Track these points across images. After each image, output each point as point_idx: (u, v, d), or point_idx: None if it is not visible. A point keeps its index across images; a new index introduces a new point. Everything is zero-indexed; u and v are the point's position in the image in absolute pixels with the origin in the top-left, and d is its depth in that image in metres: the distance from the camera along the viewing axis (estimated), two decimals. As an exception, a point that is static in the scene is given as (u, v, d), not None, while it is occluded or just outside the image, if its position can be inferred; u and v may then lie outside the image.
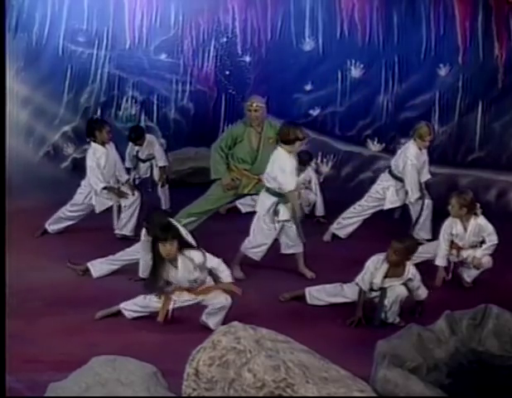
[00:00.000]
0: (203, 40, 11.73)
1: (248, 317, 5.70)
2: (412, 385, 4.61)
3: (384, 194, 8.91)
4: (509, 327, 5.09)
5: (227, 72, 11.81)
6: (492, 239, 7.67)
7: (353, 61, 11.30)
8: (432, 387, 4.64)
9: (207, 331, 6.11)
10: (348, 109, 11.05)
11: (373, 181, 9.40)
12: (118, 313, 6.97)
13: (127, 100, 11.82)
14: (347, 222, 9.03)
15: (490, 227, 7.70)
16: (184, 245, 6.65)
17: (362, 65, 11.31)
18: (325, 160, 11.16)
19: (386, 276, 6.87)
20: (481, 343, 5.05)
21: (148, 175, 10.36)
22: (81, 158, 10.91)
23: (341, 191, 10.75)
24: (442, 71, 10.98)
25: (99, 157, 8.99)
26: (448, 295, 7.36)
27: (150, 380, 4.82)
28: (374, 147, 11.04)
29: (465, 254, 7.76)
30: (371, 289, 6.94)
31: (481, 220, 7.71)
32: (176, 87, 11.76)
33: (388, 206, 8.90)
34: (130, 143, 10.35)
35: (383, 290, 6.86)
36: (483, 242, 7.74)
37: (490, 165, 10.63)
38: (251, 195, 8.96)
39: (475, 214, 7.69)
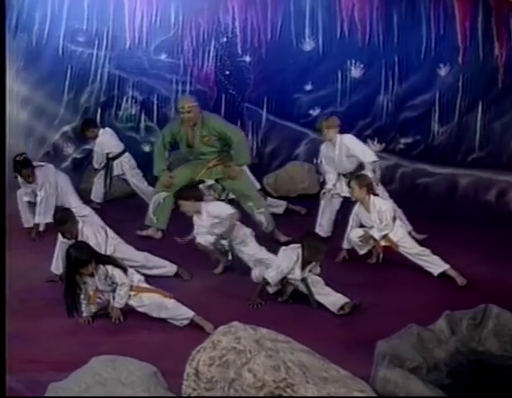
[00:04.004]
0: (203, 40, 11.70)
1: (249, 317, 5.71)
2: (412, 385, 4.62)
3: None
4: (509, 327, 5.10)
5: (227, 72, 11.78)
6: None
7: (353, 61, 11.28)
8: (432, 387, 4.65)
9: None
10: (348, 109, 11.00)
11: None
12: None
13: (127, 100, 11.80)
14: None
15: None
16: (101, 261, 6.80)
17: (362, 65, 11.29)
18: (325, 160, 11.12)
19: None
20: (481, 343, 5.05)
21: None
22: (81, 158, 10.92)
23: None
24: (442, 71, 10.96)
25: None
26: (448, 295, 7.36)
27: (150, 380, 4.83)
28: (374, 147, 10.99)
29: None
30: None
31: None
32: (176, 87, 11.74)
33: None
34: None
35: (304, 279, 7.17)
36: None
37: (490, 165, 10.61)
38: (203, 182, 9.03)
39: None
